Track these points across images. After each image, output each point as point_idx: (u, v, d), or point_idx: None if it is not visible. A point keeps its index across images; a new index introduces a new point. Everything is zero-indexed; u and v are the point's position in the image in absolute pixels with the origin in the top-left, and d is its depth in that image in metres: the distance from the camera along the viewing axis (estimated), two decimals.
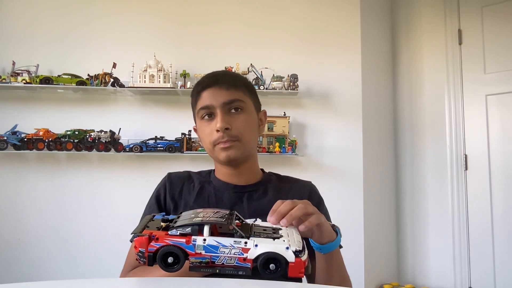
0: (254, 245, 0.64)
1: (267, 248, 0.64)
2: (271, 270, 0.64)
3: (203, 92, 1.00)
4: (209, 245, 0.64)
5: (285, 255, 0.64)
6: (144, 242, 0.64)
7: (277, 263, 0.64)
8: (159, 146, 2.44)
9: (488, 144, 2.50)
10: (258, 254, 0.63)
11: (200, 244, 0.63)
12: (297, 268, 0.64)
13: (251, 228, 0.70)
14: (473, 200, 2.53)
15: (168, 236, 0.64)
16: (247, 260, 0.63)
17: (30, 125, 2.47)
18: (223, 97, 0.98)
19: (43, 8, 2.67)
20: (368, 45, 2.73)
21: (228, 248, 0.63)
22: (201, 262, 0.64)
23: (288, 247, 0.64)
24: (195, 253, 0.63)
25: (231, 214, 0.69)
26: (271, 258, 0.63)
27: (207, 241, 0.63)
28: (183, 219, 0.67)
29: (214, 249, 0.63)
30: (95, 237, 2.53)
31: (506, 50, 2.46)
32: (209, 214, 0.68)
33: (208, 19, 2.68)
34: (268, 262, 0.64)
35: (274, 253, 0.64)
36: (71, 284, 0.74)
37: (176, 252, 0.64)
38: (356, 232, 2.55)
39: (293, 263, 0.63)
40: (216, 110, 0.97)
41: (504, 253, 2.40)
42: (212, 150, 1.00)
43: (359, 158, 2.61)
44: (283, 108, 2.58)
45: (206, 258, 0.64)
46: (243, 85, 1.03)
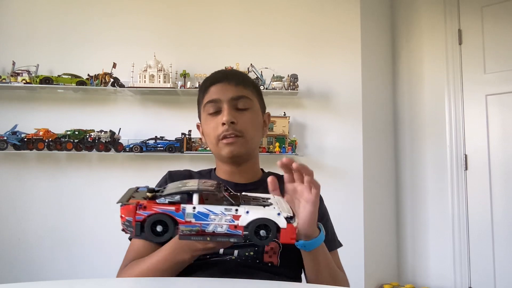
0: (245, 212, 0.63)
1: (259, 214, 0.63)
2: (261, 236, 0.63)
3: (211, 87, 1.01)
4: (199, 213, 0.62)
5: (277, 220, 0.63)
6: (131, 211, 0.62)
7: (268, 229, 0.63)
8: (159, 146, 2.44)
9: (488, 144, 2.50)
10: (249, 221, 0.63)
11: (190, 212, 0.62)
12: (289, 233, 0.63)
13: (241, 198, 0.69)
14: (473, 200, 2.53)
15: (156, 204, 0.62)
16: (238, 227, 0.63)
17: (30, 125, 2.47)
18: (232, 93, 0.99)
19: (43, 8, 2.67)
20: (368, 45, 2.73)
21: (218, 215, 0.62)
22: (191, 230, 0.62)
23: (279, 213, 0.64)
24: (185, 221, 0.62)
25: (219, 184, 0.68)
26: (262, 224, 0.63)
27: (197, 209, 0.62)
28: (171, 189, 0.66)
29: (205, 217, 0.62)
30: (95, 237, 2.53)
31: (506, 50, 2.46)
32: (197, 184, 0.66)
33: (208, 19, 2.68)
34: (260, 228, 0.63)
35: (266, 219, 0.63)
36: (71, 284, 0.75)
37: (165, 220, 0.62)
38: (356, 232, 2.55)
39: (285, 228, 0.63)
40: (223, 104, 0.98)
41: (504, 253, 2.40)
42: (216, 145, 0.99)
43: (359, 158, 2.61)
44: (283, 108, 2.58)
45: (196, 226, 0.62)
46: (251, 85, 1.05)
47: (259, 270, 0.88)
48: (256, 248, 0.91)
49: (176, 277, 0.83)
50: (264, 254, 0.91)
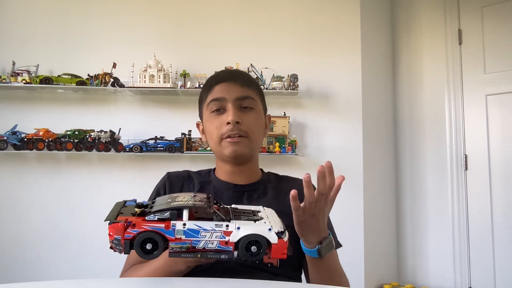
0: (236, 227, 0.62)
1: (250, 230, 0.63)
2: (252, 252, 0.62)
3: (216, 86, 1.01)
4: (189, 230, 0.61)
5: (268, 236, 0.63)
6: (120, 229, 0.61)
7: (260, 245, 0.63)
8: (159, 146, 2.44)
9: (488, 144, 2.50)
10: (240, 237, 0.62)
11: (180, 228, 0.61)
12: (280, 249, 0.63)
13: (231, 211, 0.68)
14: (473, 200, 2.53)
15: (145, 222, 0.61)
16: (229, 243, 0.62)
17: (30, 125, 2.47)
18: (237, 93, 0.99)
19: (43, 8, 2.67)
20: (368, 45, 2.73)
21: (209, 231, 0.62)
22: (181, 247, 0.62)
23: (270, 228, 0.63)
24: (175, 238, 0.61)
25: (209, 198, 0.67)
26: (253, 240, 0.62)
27: (187, 225, 0.61)
28: (159, 204, 0.65)
29: (195, 233, 0.62)
30: (95, 237, 2.52)
31: (506, 50, 2.46)
32: (186, 198, 0.66)
33: (208, 19, 2.68)
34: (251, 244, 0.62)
35: (257, 235, 0.62)
36: (71, 284, 0.75)
37: (154, 238, 0.61)
38: (356, 232, 2.55)
39: (276, 244, 0.63)
40: (228, 104, 0.98)
41: (504, 253, 2.40)
42: (218, 144, 0.99)
43: (359, 158, 2.61)
44: (283, 108, 2.58)
45: (186, 243, 0.62)
46: (256, 86, 1.05)
47: (259, 271, 0.88)
48: None
49: (175, 277, 0.83)
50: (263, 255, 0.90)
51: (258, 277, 0.85)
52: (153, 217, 0.62)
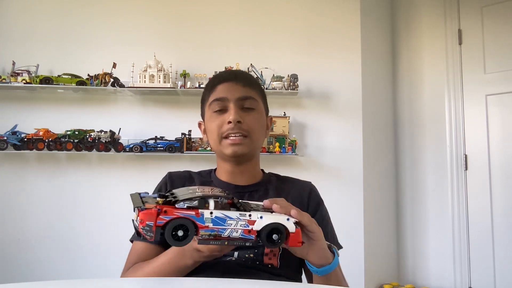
0: (259, 217, 0.66)
1: (272, 219, 0.67)
2: (274, 240, 0.66)
3: (219, 85, 1.01)
4: (216, 218, 0.64)
5: (287, 225, 0.68)
6: (153, 215, 0.61)
7: (280, 233, 0.67)
8: (159, 146, 2.44)
9: (488, 144, 2.50)
10: (263, 225, 0.66)
11: (208, 216, 0.64)
12: (296, 237, 0.68)
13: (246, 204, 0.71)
14: (473, 200, 2.53)
15: (176, 209, 0.63)
16: (252, 232, 0.66)
17: (30, 125, 2.47)
18: (239, 92, 0.99)
19: (43, 8, 2.66)
20: (368, 45, 2.73)
21: (234, 220, 0.65)
22: (209, 234, 0.64)
23: (288, 218, 0.68)
24: (204, 226, 0.64)
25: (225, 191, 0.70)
26: (275, 228, 0.67)
27: (214, 214, 0.64)
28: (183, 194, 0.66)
29: (222, 222, 0.64)
30: (95, 237, 2.53)
31: (506, 50, 2.46)
32: (207, 190, 0.68)
33: (208, 19, 2.68)
34: (272, 232, 0.67)
35: (279, 224, 0.67)
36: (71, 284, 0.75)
37: (186, 225, 0.63)
38: (356, 232, 2.55)
39: (293, 233, 0.68)
40: (230, 103, 0.98)
41: (504, 253, 2.40)
42: (219, 143, 0.99)
43: (359, 158, 2.61)
44: (283, 108, 2.58)
45: (214, 230, 0.64)
46: (258, 87, 1.05)
47: (259, 271, 0.88)
48: (255, 250, 0.90)
49: (175, 277, 0.83)
50: (264, 256, 0.90)
51: (258, 278, 0.85)
52: (182, 204, 0.64)
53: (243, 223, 0.65)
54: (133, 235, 1.01)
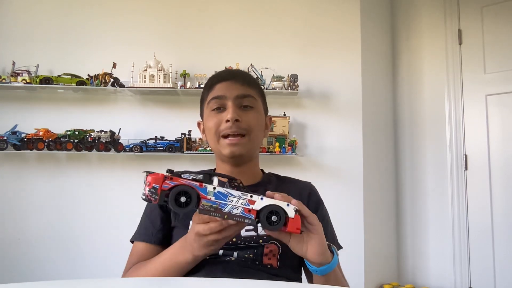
0: (259, 198, 0.70)
1: (272, 201, 0.71)
2: (272, 221, 0.70)
3: (217, 84, 1.01)
4: (219, 192, 0.69)
5: (287, 210, 0.71)
6: (160, 179, 0.67)
7: (279, 216, 0.70)
8: (159, 146, 2.44)
9: (488, 144, 2.50)
10: (263, 206, 0.70)
11: (211, 190, 0.69)
12: (295, 223, 0.71)
13: None
14: (473, 200, 2.53)
15: (182, 179, 0.69)
16: (251, 211, 0.69)
17: (30, 125, 2.47)
18: (237, 91, 0.99)
19: (43, 8, 2.67)
20: (368, 45, 2.73)
21: (236, 197, 0.69)
22: (210, 206, 0.68)
23: (288, 204, 0.71)
24: (207, 197, 0.68)
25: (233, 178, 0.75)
26: (274, 210, 0.70)
27: (217, 189, 0.69)
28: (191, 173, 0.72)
29: (223, 197, 0.69)
30: (95, 237, 2.53)
31: (506, 50, 2.46)
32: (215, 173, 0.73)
33: (208, 19, 2.68)
34: (271, 214, 0.70)
35: (278, 206, 0.70)
36: (71, 284, 0.75)
37: (189, 192, 0.67)
38: (356, 232, 2.55)
39: (293, 218, 0.71)
40: (228, 102, 0.97)
41: (504, 253, 2.40)
42: (217, 142, 0.99)
43: (359, 158, 2.61)
44: (283, 108, 2.58)
45: (215, 203, 0.68)
46: (257, 86, 1.05)
47: (259, 271, 0.88)
48: (255, 250, 0.90)
49: (176, 277, 0.83)
50: (263, 256, 0.90)
51: (258, 278, 0.85)
52: (188, 176, 0.70)
53: (244, 202, 0.69)
54: (134, 236, 1.01)
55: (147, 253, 0.94)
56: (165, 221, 0.98)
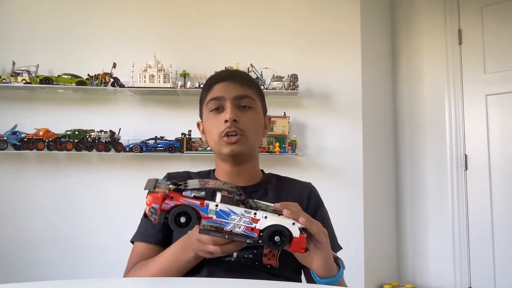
0: (263, 216, 0.67)
1: (276, 221, 0.67)
2: (275, 242, 0.66)
3: (215, 85, 1.01)
4: (221, 211, 0.66)
5: (291, 229, 0.67)
6: (159, 199, 0.65)
7: (283, 236, 0.67)
8: (159, 146, 2.44)
9: (488, 144, 2.50)
10: (266, 226, 0.66)
11: (213, 208, 0.66)
12: (300, 243, 0.67)
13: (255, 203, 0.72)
14: (473, 200, 2.53)
15: (182, 197, 0.66)
16: (254, 230, 0.66)
17: (30, 125, 2.47)
18: (235, 91, 0.99)
19: (43, 8, 2.66)
20: (368, 45, 2.73)
21: (238, 216, 0.66)
22: (211, 226, 0.66)
23: (294, 223, 0.67)
24: (207, 217, 0.65)
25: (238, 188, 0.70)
26: (277, 230, 0.67)
27: (219, 206, 0.66)
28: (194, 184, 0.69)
29: (226, 216, 0.66)
30: (95, 237, 2.53)
31: (506, 50, 2.46)
32: (218, 184, 0.70)
33: (208, 19, 2.68)
34: (274, 234, 0.66)
35: (281, 226, 0.67)
36: (71, 284, 0.74)
37: (189, 212, 0.65)
38: (356, 232, 2.55)
39: (297, 238, 0.67)
40: (226, 102, 0.98)
41: (504, 253, 2.40)
42: (218, 142, 0.99)
43: (359, 158, 2.61)
44: (283, 108, 2.58)
45: (216, 223, 0.66)
46: (255, 86, 1.05)
47: (259, 272, 0.88)
48: (255, 250, 0.90)
49: (176, 277, 0.83)
50: (263, 256, 0.90)
51: (257, 278, 0.85)
52: (189, 193, 0.67)
53: (247, 220, 0.66)
54: (134, 236, 1.01)
55: (147, 253, 0.94)
56: None
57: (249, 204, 0.69)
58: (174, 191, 0.67)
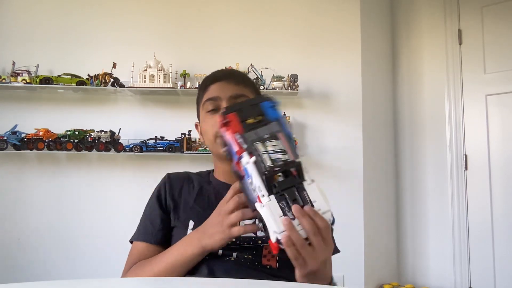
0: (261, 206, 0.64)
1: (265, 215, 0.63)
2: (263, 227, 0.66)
3: (211, 85, 1.01)
4: (246, 169, 0.65)
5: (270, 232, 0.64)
6: (220, 123, 0.68)
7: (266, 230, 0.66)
8: (159, 146, 2.44)
9: (488, 144, 2.50)
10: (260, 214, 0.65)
11: (243, 162, 0.65)
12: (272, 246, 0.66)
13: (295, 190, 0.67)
14: (473, 200, 2.53)
15: (233, 133, 0.67)
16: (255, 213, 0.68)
17: (30, 125, 2.47)
18: (231, 91, 0.98)
19: (43, 8, 2.67)
20: (368, 45, 2.73)
21: (253, 185, 0.66)
22: (236, 172, 0.68)
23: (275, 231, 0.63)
24: (237, 163, 0.67)
25: (297, 164, 0.67)
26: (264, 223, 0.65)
27: (248, 167, 0.64)
28: (260, 134, 0.66)
29: (247, 176, 0.65)
30: (95, 237, 2.53)
31: (506, 50, 2.46)
32: (278, 148, 0.66)
33: (208, 19, 2.68)
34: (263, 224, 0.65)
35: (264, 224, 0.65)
36: (71, 284, 0.74)
37: (229, 150, 0.70)
38: (356, 232, 2.55)
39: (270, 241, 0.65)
40: (222, 102, 0.98)
41: (504, 253, 2.40)
42: (214, 143, 0.99)
43: (359, 158, 2.61)
44: (283, 108, 2.57)
45: (240, 173, 0.68)
46: (251, 85, 1.05)
47: (258, 272, 0.88)
48: (254, 251, 0.90)
49: (176, 277, 0.83)
50: (262, 257, 0.90)
51: (257, 278, 0.85)
52: (240, 136, 0.66)
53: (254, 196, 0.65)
54: (133, 236, 1.01)
55: (147, 253, 0.94)
56: (164, 221, 0.98)
57: (283, 184, 0.64)
58: (249, 125, 0.66)
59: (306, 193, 0.66)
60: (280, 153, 0.65)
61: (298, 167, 0.67)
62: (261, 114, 0.69)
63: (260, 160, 0.63)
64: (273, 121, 0.69)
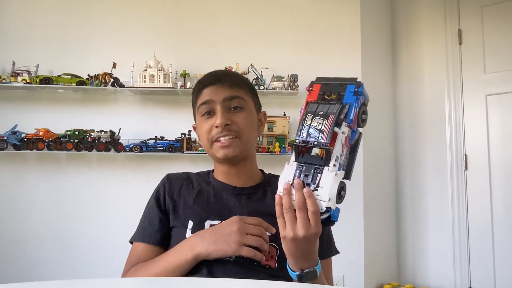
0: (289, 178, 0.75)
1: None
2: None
3: (204, 89, 1.01)
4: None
5: None
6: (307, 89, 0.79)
7: None
8: (159, 146, 2.44)
9: (488, 144, 2.49)
10: None
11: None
12: None
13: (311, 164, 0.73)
14: (473, 200, 2.53)
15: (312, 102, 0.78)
16: None
17: (30, 125, 2.47)
18: (224, 94, 0.98)
19: (43, 8, 2.66)
20: (368, 45, 2.73)
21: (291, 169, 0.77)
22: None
23: None
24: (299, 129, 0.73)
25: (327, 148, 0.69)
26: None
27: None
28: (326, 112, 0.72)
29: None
30: (95, 237, 2.53)
31: (506, 50, 2.46)
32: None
33: (208, 19, 2.68)
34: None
35: None
36: (71, 284, 0.75)
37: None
38: (356, 232, 2.55)
39: None
40: (216, 106, 0.97)
41: (504, 253, 2.40)
42: (210, 147, 1.00)
43: (359, 158, 2.60)
44: (283, 108, 2.58)
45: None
46: (245, 85, 1.04)
47: (257, 272, 0.88)
48: None
49: (175, 277, 0.83)
50: None
51: (256, 278, 0.85)
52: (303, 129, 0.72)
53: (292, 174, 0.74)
54: (133, 236, 1.01)
55: (146, 254, 0.94)
56: (163, 221, 0.98)
57: (308, 158, 0.72)
58: (316, 95, 0.76)
59: (320, 177, 0.70)
60: (317, 132, 0.69)
61: (327, 151, 0.69)
62: (341, 93, 0.72)
63: (299, 129, 0.71)
64: (342, 104, 0.72)
